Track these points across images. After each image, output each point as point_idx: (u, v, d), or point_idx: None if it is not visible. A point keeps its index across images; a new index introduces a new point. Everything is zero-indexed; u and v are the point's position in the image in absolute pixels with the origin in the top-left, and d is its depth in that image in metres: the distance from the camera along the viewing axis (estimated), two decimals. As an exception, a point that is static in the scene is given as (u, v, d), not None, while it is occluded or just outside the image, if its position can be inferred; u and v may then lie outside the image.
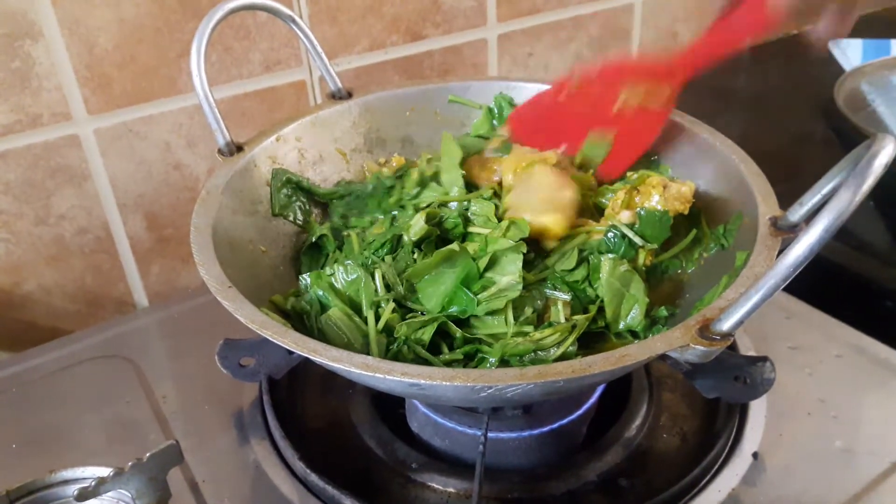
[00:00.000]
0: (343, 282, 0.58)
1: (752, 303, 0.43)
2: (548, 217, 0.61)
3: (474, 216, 0.63)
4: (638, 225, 0.62)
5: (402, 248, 0.61)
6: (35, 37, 0.72)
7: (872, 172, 0.42)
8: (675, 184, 0.63)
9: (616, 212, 0.63)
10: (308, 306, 0.58)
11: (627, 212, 0.63)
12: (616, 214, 0.63)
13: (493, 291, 0.57)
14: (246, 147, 0.67)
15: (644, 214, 0.62)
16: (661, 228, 0.62)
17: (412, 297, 0.58)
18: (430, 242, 0.61)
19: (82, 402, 0.69)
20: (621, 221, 0.62)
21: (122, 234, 0.84)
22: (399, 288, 0.58)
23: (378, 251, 0.61)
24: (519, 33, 1.03)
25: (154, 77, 0.79)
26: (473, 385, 0.44)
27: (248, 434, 0.65)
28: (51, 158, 0.77)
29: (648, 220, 0.62)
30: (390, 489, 0.61)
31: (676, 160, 0.68)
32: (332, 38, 0.89)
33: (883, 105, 0.99)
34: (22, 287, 0.80)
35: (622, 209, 0.63)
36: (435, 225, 0.62)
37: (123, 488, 0.51)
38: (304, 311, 0.58)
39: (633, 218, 0.63)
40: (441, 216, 0.62)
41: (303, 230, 0.69)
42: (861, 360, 0.69)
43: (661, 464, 0.62)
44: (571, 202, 0.64)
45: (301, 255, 0.67)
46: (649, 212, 0.62)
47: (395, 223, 0.66)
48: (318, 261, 0.67)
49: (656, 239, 0.62)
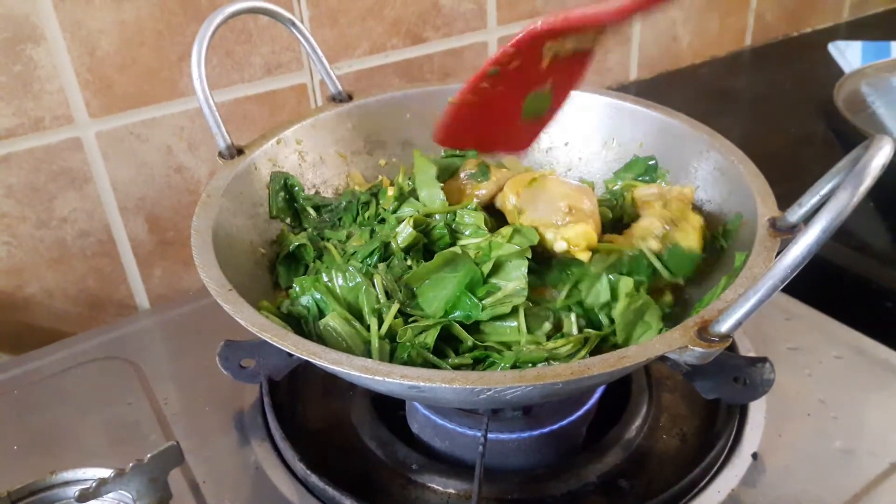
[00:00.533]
0: (342, 287, 0.58)
1: (750, 304, 0.43)
2: (576, 228, 0.59)
3: (461, 227, 0.62)
4: (666, 256, 0.60)
5: (394, 255, 0.60)
6: (37, 40, 0.73)
7: (870, 173, 0.42)
8: (675, 187, 0.63)
9: (647, 237, 0.61)
10: (305, 311, 0.58)
11: (657, 241, 0.60)
12: (646, 239, 0.61)
13: (499, 297, 0.56)
14: (246, 150, 0.67)
15: (674, 249, 0.60)
16: (688, 267, 0.60)
17: (412, 303, 0.58)
18: (417, 250, 0.61)
19: (84, 404, 0.69)
20: (650, 248, 0.60)
21: (124, 236, 0.84)
22: (398, 294, 0.58)
23: (368, 259, 0.61)
24: (519, 36, 1.03)
25: (155, 80, 0.80)
26: (473, 387, 0.44)
27: (248, 435, 0.65)
28: (53, 162, 0.77)
29: (678, 255, 0.60)
30: (390, 490, 0.61)
31: (675, 162, 0.69)
32: (332, 42, 0.89)
33: (883, 107, 1.00)
34: (24, 290, 0.81)
35: (652, 238, 0.61)
36: (422, 233, 0.61)
37: (124, 489, 0.52)
38: (302, 316, 0.58)
39: (661, 247, 0.60)
40: (428, 224, 0.62)
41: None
42: (861, 361, 0.69)
43: (660, 465, 0.62)
44: (594, 210, 0.62)
45: (277, 266, 0.66)
46: (681, 250, 0.60)
47: (375, 235, 0.64)
48: (296, 270, 0.65)
49: (681, 274, 0.60)
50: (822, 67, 1.24)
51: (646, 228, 0.61)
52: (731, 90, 1.22)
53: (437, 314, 0.57)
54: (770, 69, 1.29)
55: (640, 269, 0.60)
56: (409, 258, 0.60)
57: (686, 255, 0.60)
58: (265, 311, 0.52)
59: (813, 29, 1.41)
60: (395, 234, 0.61)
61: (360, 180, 0.74)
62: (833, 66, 1.23)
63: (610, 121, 0.74)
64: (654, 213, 0.62)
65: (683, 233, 0.61)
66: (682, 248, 0.60)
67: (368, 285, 0.57)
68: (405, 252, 0.60)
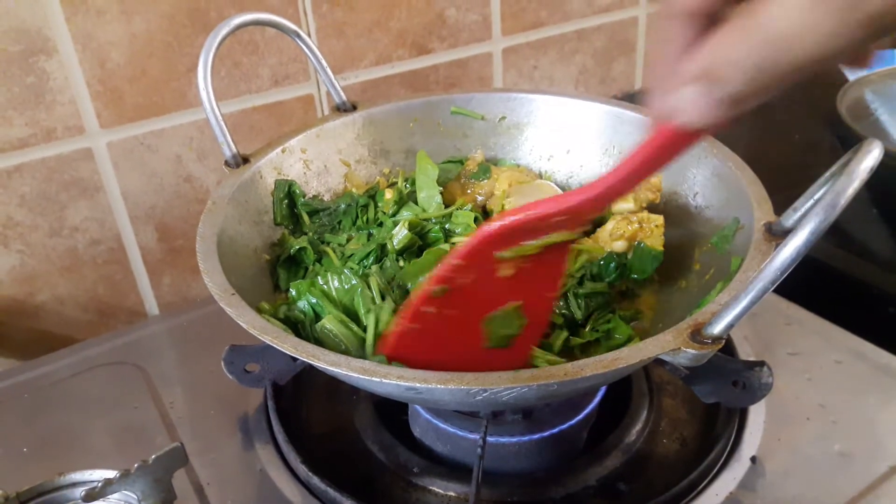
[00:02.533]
0: (337, 290, 0.59)
1: (741, 306, 0.44)
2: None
3: (455, 226, 0.64)
4: (630, 256, 0.63)
5: (387, 257, 0.62)
6: (49, 52, 0.74)
7: (858, 176, 0.42)
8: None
9: (614, 238, 0.64)
10: (302, 315, 0.59)
11: (623, 242, 0.64)
12: (612, 241, 0.64)
13: None
14: (252, 159, 0.69)
15: (640, 249, 0.63)
16: (650, 265, 0.63)
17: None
18: (411, 253, 0.62)
19: (92, 408, 0.70)
20: (616, 250, 0.64)
21: (134, 245, 0.86)
22: (392, 294, 0.59)
23: (363, 261, 0.62)
24: (524, 46, 1.05)
25: (165, 91, 0.81)
26: (469, 388, 0.45)
27: (252, 438, 0.66)
28: (64, 171, 0.79)
29: (642, 255, 0.63)
30: (392, 493, 0.61)
31: (673, 168, 0.69)
32: (339, 53, 0.90)
33: (886, 113, 1.00)
34: (36, 297, 0.82)
35: (619, 239, 0.64)
36: (417, 235, 0.63)
37: (129, 490, 0.53)
38: (299, 321, 0.59)
39: (627, 248, 0.64)
40: (423, 226, 0.63)
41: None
42: (861, 366, 0.69)
43: (660, 468, 0.63)
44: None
45: (277, 268, 0.67)
46: (646, 249, 0.63)
47: (373, 238, 0.66)
48: (296, 273, 0.66)
49: (644, 273, 0.64)
50: (827, 74, 1.24)
51: (613, 231, 0.64)
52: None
53: None
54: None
55: (609, 270, 0.63)
56: (402, 259, 0.61)
57: (649, 254, 0.63)
58: (265, 315, 0.53)
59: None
60: (392, 236, 0.62)
61: (359, 182, 0.75)
62: (837, 72, 1.23)
63: (611, 129, 0.74)
64: (617, 217, 0.65)
65: (646, 232, 0.63)
66: (646, 247, 0.63)
67: (364, 287, 0.58)
68: (399, 254, 0.61)
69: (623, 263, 0.63)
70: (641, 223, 0.63)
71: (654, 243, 0.63)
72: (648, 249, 0.63)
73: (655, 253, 0.63)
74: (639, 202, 0.67)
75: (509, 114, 0.78)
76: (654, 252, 0.63)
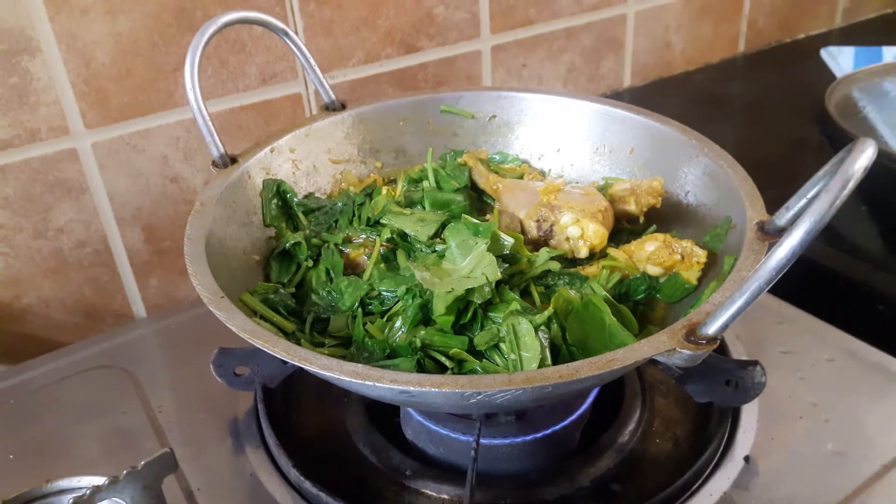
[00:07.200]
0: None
1: (736, 306, 0.44)
2: (595, 225, 0.62)
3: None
4: (663, 281, 0.62)
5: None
6: (33, 52, 0.73)
7: (852, 175, 0.42)
8: (644, 181, 0.64)
9: (652, 263, 0.62)
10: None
11: (660, 269, 0.61)
12: (648, 264, 0.62)
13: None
14: (240, 159, 0.68)
15: (674, 278, 0.61)
16: (680, 295, 0.61)
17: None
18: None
19: (79, 413, 0.70)
20: (650, 273, 0.62)
21: (121, 246, 0.85)
22: None
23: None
24: (513, 45, 1.04)
25: (151, 90, 0.80)
26: (462, 391, 0.45)
27: (243, 442, 0.65)
28: (49, 172, 0.78)
29: (675, 284, 0.61)
30: (384, 496, 0.61)
31: (665, 167, 0.69)
32: (327, 51, 0.90)
33: (874, 111, 1.00)
34: (21, 300, 0.81)
35: (657, 265, 0.61)
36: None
37: (118, 497, 0.52)
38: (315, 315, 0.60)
39: (661, 275, 0.62)
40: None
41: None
42: (853, 364, 0.69)
43: (653, 468, 0.62)
44: (607, 211, 0.64)
45: (270, 260, 0.66)
46: (680, 280, 0.61)
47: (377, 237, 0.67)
48: (288, 267, 0.66)
49: (670, 300, 0.62)
50: (815, 73, 1.24)
51: (652, 256, 0.62)
52: (724, 96, 1.23)
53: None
54: (763, 75, 1.29)
55: (638, 290, 0.62)
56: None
57: (682, 285, 0.61)
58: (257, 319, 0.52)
59: (805, 35, 1.42)
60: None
61: (353, 180, 0.74)
62: (825, 71, 1.24)
63: (601, 127, 0.74)
64: (660, 240, 0.62)
65: (685, 265, 0.61)
66: (680, 278, 0.61)
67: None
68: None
69: (653, 287, 0.61)
70: (684, 256, 0.61)
71: (689, 276, 0.60)
72: (682, 282, 0.60)
73: (689, 286, 0.60)
74: (640, 206, 0.66)
75: (500, 112, 0.78)
76: (687, 285, 0.60)
